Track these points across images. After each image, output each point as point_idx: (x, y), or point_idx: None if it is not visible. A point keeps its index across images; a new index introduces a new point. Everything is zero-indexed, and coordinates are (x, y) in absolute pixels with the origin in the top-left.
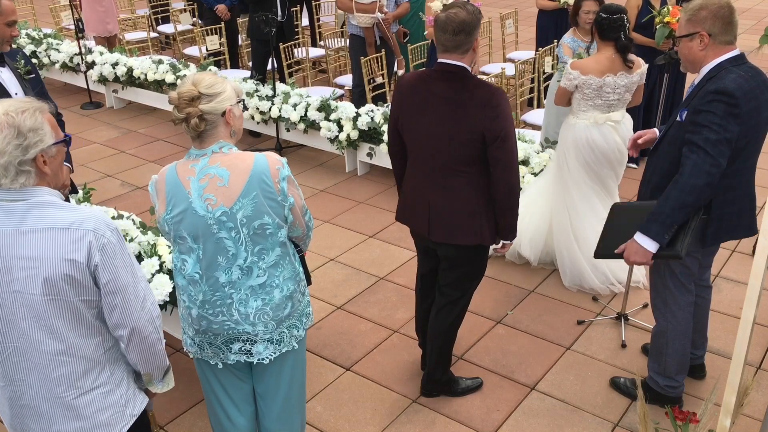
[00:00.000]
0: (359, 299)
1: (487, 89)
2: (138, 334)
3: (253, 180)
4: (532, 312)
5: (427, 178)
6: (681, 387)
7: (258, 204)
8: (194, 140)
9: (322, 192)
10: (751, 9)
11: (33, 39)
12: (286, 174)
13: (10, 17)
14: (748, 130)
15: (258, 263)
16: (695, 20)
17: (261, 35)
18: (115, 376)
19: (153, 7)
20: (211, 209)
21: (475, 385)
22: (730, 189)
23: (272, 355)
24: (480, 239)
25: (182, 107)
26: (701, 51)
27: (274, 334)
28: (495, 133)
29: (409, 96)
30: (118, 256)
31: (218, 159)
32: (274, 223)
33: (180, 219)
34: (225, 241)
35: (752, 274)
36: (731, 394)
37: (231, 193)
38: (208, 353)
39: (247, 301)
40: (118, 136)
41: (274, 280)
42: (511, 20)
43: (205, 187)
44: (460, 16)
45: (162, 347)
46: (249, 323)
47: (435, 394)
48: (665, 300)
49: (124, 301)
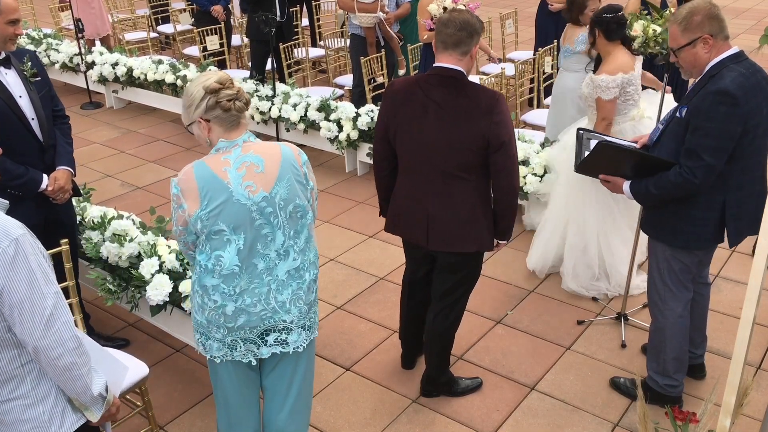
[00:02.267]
0: (359, 299)
1: (489, 94)
2: (44, 355)
3: (285, 164)
4: (532, 312)
5: (424, 187)
6: (681, 386)
7: (291, 187)
8: (229, 128)
9: (322, 192)
10: (751, 9)
11: (33, 39)
12: (306, 159)
13: (11, 15)
14: (752, 128)
15: (294, 246)
16: (692, 27)
17: (260, 35)
18: (38, 390)
19: (153, 7)
20: (252, 196)
21: (474, 385)
22: (742, 186)
23: (304, 343)
24: (480, 246)
25: (230, 85)
26: (707, 54)
27: (306, 320)
28: (499, 138)
29: (404, 104)
30: (15, 269)
31: (251, 147)
32: (304, 206)
33: (219, 211)
34: (264, 227)
35: (752, 274)
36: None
37: (268, 178)
38: (240, 351)
39: (284, 287)
40: (118, 136)
41: (305, 263)
42: (511, 20)
43: (244, 175)
44: (464, 16)
45: (82, 373)
46: (285, 310)
47: (435, 394)
48: (663, 297)
49: (21, 317)
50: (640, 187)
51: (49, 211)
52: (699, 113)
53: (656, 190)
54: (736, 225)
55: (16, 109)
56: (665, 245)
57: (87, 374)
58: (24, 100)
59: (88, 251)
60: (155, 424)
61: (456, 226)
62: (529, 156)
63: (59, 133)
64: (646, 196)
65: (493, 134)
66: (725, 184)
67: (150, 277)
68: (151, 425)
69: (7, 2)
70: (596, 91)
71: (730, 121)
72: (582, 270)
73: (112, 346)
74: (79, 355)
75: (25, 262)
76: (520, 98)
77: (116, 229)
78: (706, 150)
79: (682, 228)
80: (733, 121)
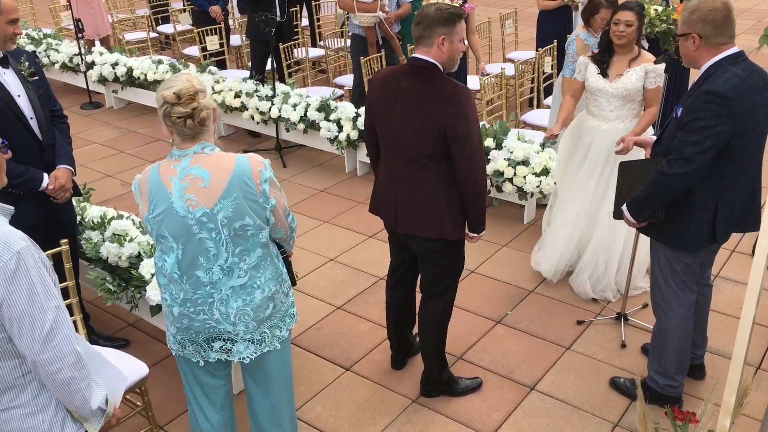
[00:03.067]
0: (359, 299)
1: (450, 88)
2: (42, 369)
3: (234, 181)
4: (532, 312)
5: (395, 171)
6: (681, 387)
7: (239, 205)
8: (182, 140)
9: (322, 192)
10: (751, 9)
11: (33, 39)
12: (268, 176)
13: (10, 15)
14: (745, 129)
15: (239, 264)
16: (688, 22)
17: (260, 35)
18: (39, 400)
19: (153, 8)
20: (191, 210)
21: (474, 385)
22: (735, 187)
23: (253, 355)
24: (441, 233)
25: (186, 102)
26: (695, 51)
27: (255, 334)
28: (454, 130)
29: (380, 91)
30: (15, 283)
31: (200, 159)
32: (255, 225)
33: (161, 219)
34: (206, 242)
35: (752, 274)
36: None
37: (212, 193)
38: (189, 350)
39: (228, 301)
40: (118, 136)
41: (256, 281)
42: (510, 20)
43: (186, 188)
44: (426, 10)
45: (80, 387)
46: (229, 323)
47: (435, 394)
48: (667, 298)
49: (20, 331)
50: (633, 200)
51: (50, 211)
52: (690, 112)
53: (642, 192)
54: (727, 224)
55: (14, 108)
56: (665, 246)
57: (86, 388)
58: (22, 99)
59: (88, 251)
60: (155, 424)
61: (420, 212)
62: (530, 156)
63: (58, 132)
64: (637, 203)
65: (449, 125)
66: (718, 185)
67: (150, 277)
68: (151, 425)
69: (6, 2)
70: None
71: (718, 120)
72: (601, 279)
73: (112, 346)
74: (78, 370)
75: (26, 275)
76: (520, 98)
77: (116, 229)
78: (687, 145)
79: (678, 230)
80: (720, 120)
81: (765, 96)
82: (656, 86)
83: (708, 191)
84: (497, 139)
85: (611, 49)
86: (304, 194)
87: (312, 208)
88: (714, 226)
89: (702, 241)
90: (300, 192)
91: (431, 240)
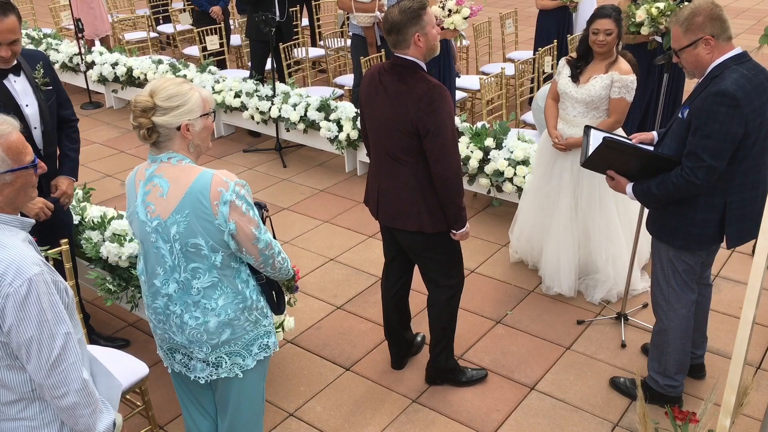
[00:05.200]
0: (359, 299)
1: (425, 85)
2: (48, 393)
3: (187, 198)
4: (532, 312)
5: (379, 165)
6: (681, 387)
7: (191, 223)
8: (152, 146)
9: (322, 192)
10: (751, 9)
11: (32, 39)
12: (228, 198)
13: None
14: (754, 129)
15: (192, 281)
16: (693, 28)
17: (260, 35)
18: (45, 415)
19: (153, 7)
20: (149, 217)
21: (479, 376)
22: (745, 188)
23: (209, 377)
24: (419, 226)
25: (135, 116)
26: (708, 54)
27: (210, 357)
28: (425, 126)
29: (367, 86)
30: (25, 309)
31: (164, 169)
32: (208, 245)
33: (131, 220)
34: (162, 251)
35: (752, 274)
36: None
37: (167, 205)
38: (162, 354)
39: (183, 316)
40: (118, 136)
41: (210, 302)
42: (510, 20)
43: (148, 194)
44: (391, 17)
45: (85, 413)
46: (185, 338)
47: (439, 381)
48: (668, 298)
49: (28, 355)
50: (642, 188)
51: None
52: (700, 114)
53: (658, 191)
54: (740, 227)
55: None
56: (667, 246)
57: (91, 415)
58: (30, 108)
59: (88, 251)
60: (155, 424)
61: (398, 205)
62: (530, 156)
63: (66, 139)
64: (647, 197)
65: (420, 121)
66: (727, 186)
67: None
68: (151, 425)
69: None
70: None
71: (731, 122)
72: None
73: (112, 346)
74: (84, 396)
75: (36, 302)
76: (520, 98)
77: (116, 229)
78: (707, 151)
79: (681, 229)
80: (733, 123)
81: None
82: (619, 96)
83: (714, 191)
84: (497, 139)
85: (589, 56)
86: (304, 194)
87: (312, 208)
88: (722, 227)
89: (706, 241)
90: (300, 192)
91: (412, 233)
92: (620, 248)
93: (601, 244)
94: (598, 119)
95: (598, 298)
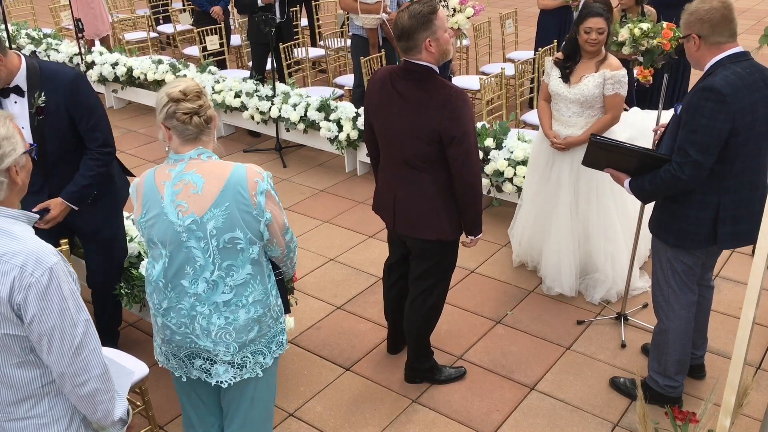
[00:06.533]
0: (359, 299)
1: (446, 90)
2: (69, 381)
3: (227, 190)
4: (532, 312)
5: (394, 173)
6: (681, 387)
7: (231, 216)
8: (182, 142)
9: (322, 192)
10: (751, 9)
11: (33, 39)
12: (265, 188)
13: None
14: (744, 127)
15: (225, 279)
16: (687, 24)
17: (260, 35)
18: (55, 410)
19: (153, 7)
20: (181, 216)
21: (458, 374)
22: (741, 189)
23: (232, 380)
24: (440, 234)
25: (194, 99)
26: (696, 52)
27: (236, 358)
28: (450, 133)
29: (378, 92)
30: (47, 298)
31: (195, 165)
32: (246, 238)
33: (152, 223)
34: (193, 251)
35: (752, 274)
36: (731, 394)
37: (203, 201)
38: (173, 364)
39: (210, 317)
40: (118, 136)
41: (241, 299)
42: (511, 20)
43: (179, 193)
44: (401, 22)
45: (104, 399)
46: (210, 340)
47: (418, 381)
48: (668, 299)
49: (50, 345)
50: (637, 183)
51: None
52: (688, 109)
53: (650, 186)
54: (734, 229)
55: None
56: (665, 245)
57: (110, 401)
58: (25, 131)
59: None
60: (155, 424)
61: (418, 214)
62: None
63: (83, 163)
64: (641, 192)
65: (444, 128)
66: (720, 185)
67: None
68: (151, 425)
69: None
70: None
71: (716, 117)
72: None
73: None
74: (104, 382)
75: (57, 291)
76: (520, 98)
77: None
78: (693, 145)
79: (675, 226)
80: (719, 118)
81: (765, 94)
82: (614, 93)
83: (708, 189)
84: (497, 139)
85: (577, 56)
86: (304, 194)
87: (312, 208)
88: (716, 227)
89: (700, 240)
90: (300, 192)
91: (429, 241)
92: (618, 247)
93: (599, 243)
94: (594, 117)
95: (598, 298)
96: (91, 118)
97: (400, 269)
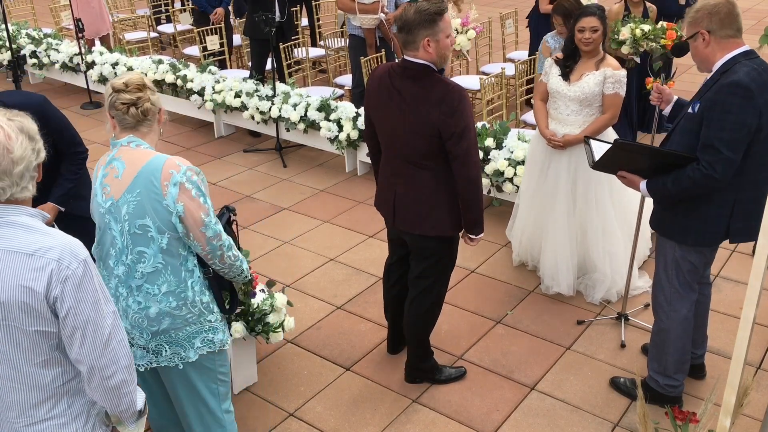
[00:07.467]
0: (359, 299)
1: (444, 87)
2: (98, 374)
3: (140, 177)
4: (532, 312)
5: (394, 169)
6: (681, 386)
7: (140, 203)
8: (121, 130)
9: (322, 192)
10: (751, 9)
11: (33, 39)
12: (179, 180)
13: None
14: (765, 123)
15: (137, 264)
16: (694, 21)
17: (258, 34)
18: (73, 408)
19: (153, 7)
20: (104, 198)
21: (458, 374)
22: (755, 186)
23: (148, 365)
24: (439, 230)
25: (133, 90)
26: (706, 48)
27: (151, 344)
28: (450, 129)
29: (377, 90)
30: (82, 290)
31: (123, 152)
32: (155, 227)
33: (90, 203)
34: (114, 233)
35: (752, 274)
36: (731, 394)
37: (121, 185)
38: None
39: (128, 299)
40: None
41: (153, 288)
42: (510, 20)
43: (106, 177)
44: (405, 15)
45: (130, 390)
46: (128, 322)
47: (419, 380)
48: (669, 298)
49: (83, 338)
50: (657, 185)
51: None
52: (714, 106)
53: (674, 187)
54: (746, 224)
55: None
56: (675, 245)
57: (134, 391)
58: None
59: None
60: None
61: (417, 210)
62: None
63: (66, 166)
64: (663, 193)
65: (443, 124)
66: (739, 181)
67: None
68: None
69: None
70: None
71: (746, 112)
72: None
73: None
74: (130, 373)
75: (90, 283)
76: (520, 98)
77: None
78: (724, 143)
79: (694, 225)
80: (748, 113)
81: None
82: (614, 92)
83: (728, 186)
84: (497, 139)
85: (576, 55)
86: (304, 194)
87: (312, 208)
88: (729, 223)
89: (717, 237)
90: (300, 192)
91: (428, 237)
92: (617, 246)
93: (597, 241)
94: (592, 116)
95: (598, 298)
96: (63, 136)
97: (400, 269)
